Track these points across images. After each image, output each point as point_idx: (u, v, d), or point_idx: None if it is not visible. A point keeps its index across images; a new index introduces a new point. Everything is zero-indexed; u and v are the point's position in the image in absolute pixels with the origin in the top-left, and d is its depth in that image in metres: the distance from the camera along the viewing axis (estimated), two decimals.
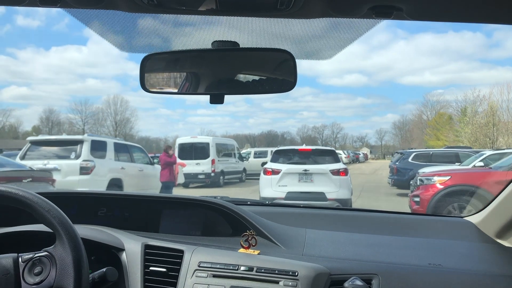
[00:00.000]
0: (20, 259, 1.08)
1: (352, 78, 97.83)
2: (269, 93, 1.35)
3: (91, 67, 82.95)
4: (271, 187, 9.14)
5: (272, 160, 9.68)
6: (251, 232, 1.45)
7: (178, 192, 15.92)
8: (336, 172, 9.10)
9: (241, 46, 1.26)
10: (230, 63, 1.32)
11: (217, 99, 1.31)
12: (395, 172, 15.45)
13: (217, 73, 1.34)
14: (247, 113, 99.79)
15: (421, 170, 13.94)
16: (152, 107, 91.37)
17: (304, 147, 10.72)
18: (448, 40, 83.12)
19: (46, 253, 1.06)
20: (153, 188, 11.03)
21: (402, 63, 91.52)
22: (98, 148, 10.14)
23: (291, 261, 1.35)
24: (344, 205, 8.58)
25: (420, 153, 15.91)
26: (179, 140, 19.75)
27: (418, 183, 8.77)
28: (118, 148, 10.91)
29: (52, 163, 9.56)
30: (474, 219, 1.81)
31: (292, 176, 9.12)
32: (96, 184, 9.63)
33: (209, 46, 1.26)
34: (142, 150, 12.37)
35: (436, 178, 8.15)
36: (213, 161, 18.62)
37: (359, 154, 53.06)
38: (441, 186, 7.95)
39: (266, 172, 9.46)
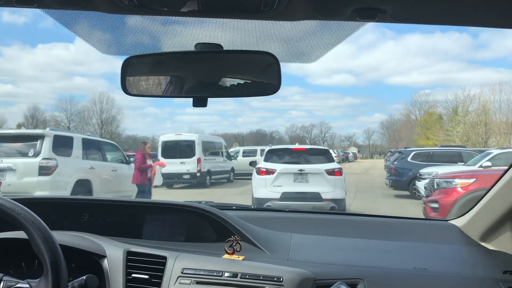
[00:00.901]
0: (2, 284, 1.06)
1: (340, 78, 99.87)
2: (253, 96, 1.33)
3: (78, 65, 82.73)
4: (266, 188, 8.86)
5: (265, 160, 9.35)
6: (235, 237, 1.43)
7: (161, 193, 15.09)
8: (331, 172, 8.95)
9: (224, 48, 1.25)
10: (214, 65, 1.31)
11: (200, 102, 1.29)
12: (393, 172, 14.29)
13: (200, 76, 1.33)
14: (236, 112, 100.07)
15: (422, 171, 12.75)
16: (139, 105, 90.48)
17: (297, 146, 10.51)
18: (435, 40, 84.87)
19: (27, 285, 1.04)
20: (129, 191, 9.94)
21: (390, 63, 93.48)
22: (62, 144, 8.69)
23: (276, 266, 1.35)
24: (338, 205, 8.55)
25: (420, 152, 14.90)
26: (162, 137, 18.37)
27: (435, 187, 7.47)
28: (87, 145, 9.46)
29: (6, 162, 7.94)
30: (459, 222, 1.83)
31: (287, 176, 8.89)
32: (58, 186, 8.23)
33: (192, 48, 1.25)
34: (116, 147, 10.92)
35: (457, 181, 6.96)
36: (199, 160, 17.78)
37: (349, 153, 53.11)
38: (464, 190, 6.63)
39: (259, 172, 9.14)
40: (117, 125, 53.31)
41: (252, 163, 11.42)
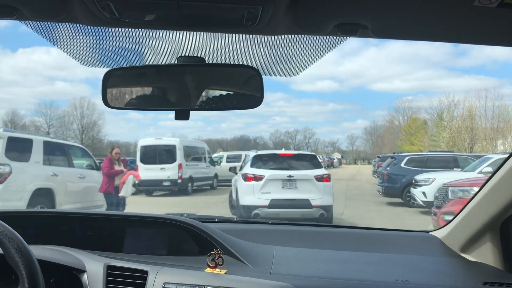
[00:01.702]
0: None
1: (324, 84, 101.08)
2: (235, 110, 1.32)
3: (60, 69, 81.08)
4: (254, 195, 8.54)
5: (252, 166, 9.00)
6: (218, 251, 1.43)
7: (139, 201, 14.41)
8: (320, 178, 8.78)
9: (207, 61, 1.26)
10: (196, 79, 1.30)
11: (182, 115, 1.28)
12: (386, 179, 13.39)
13: (183, 89, 1.31)
14: (220, 118, 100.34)
15: (418, 177, 11.85)
16: (122, 111, 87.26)
17: (284, 151, 10.14)
18: (417, 48, 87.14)
19: None
20: (99, 201, 8.85)
21: (373, 70, 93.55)
22: (18, 148, 7.55)
23: (258, 280, 1.35)
24: (327, 212, 8.47)
25: (414, 157, 14.16)
26: (141, 141, 17.20)
27: (449, 196, 6.51)
28: (50, 149, 8.29)
29: None
30: (440, 233, 1.85)
31: (276, 182, 8.64)
32: (12, 196, 6.93)
33: (175, 61, 1.24)
34: (85, 152, 9.68)
35: (476, 189, 5.78)
36: (180, 166, 16.86)
37: (334, 159, 52.64)
38: None
39: (247, 178, 8.78)
40: (99, 130, 52.89)
41: (232, 169, 11.14)
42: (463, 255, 1.71)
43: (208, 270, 1.39)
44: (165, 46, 1.24)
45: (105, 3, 0.91)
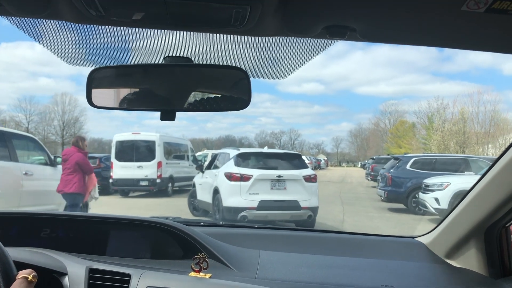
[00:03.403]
0: None
1: (310, 87, 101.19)
2: (222, 111, 1.32)
3: (44, 65, 78.85)
4: (241, 195, 8.03)
5: (237, 164, 8.44)
6: (202, 254, 1.41)
7: (113, 202, 13.34)
8: (308, 179, 8.46)
9: (194, 62, 1.24)
10: (183, 79, 1.28)
11: (168, 116, 1.26)
12: (389, 182, 11.85)
13: (169, 89, 1.30)
14: (205, 118, 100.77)
15: (428, 181, 10.22)
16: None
17: (267, 150, 9.62)
18: (403, 52, 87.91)
19: None
20: (52, 203, 7.24)
21: (359, 73, 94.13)
22: None
23: (243, 284, 1.35)
24: (314, 213, 8.26)
25: (421, 159, 13.04)
26: (116, 136, 15.54)
27: None
28: None
29: None
30: (425, 239, 1.86)
31: (264, 182, 8.20)
32: None
33: (161, 61, 1.23)
34: (37, 144, 7.75)
35: None
36: (159, 164, 15.26)
37: (321, 160, 51.43)
38: None
39: (231, 177, 8.21)
40: (80, 127, 51.40)
41: (199, 168, 10.60)
42: (448, 261, 1.73)
43: (193, 274, 1.39)
44: (152, 45, 1.21)
45: (90, 0, 0.90)
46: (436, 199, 10.00)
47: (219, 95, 1.29)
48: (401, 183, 12.12)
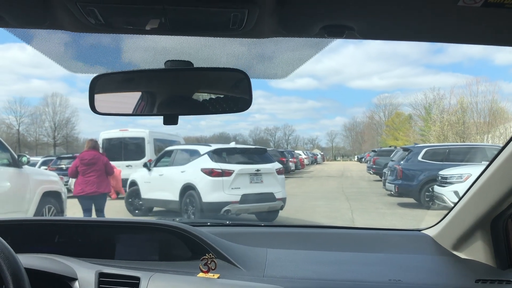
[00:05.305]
0: None
1: (303, 82, 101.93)
2: (224, 113, 1.31)
3: (36, 67, 78.31)
4: (223, 191, 8.18)
5: (214, 160, 8.59)
6: (210, 255, 1.42)
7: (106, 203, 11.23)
8: (279, 171, 9.15)
9: (195, 65, 1.25)
10: (184, 83, 1.29)
11: (170, 120, 1.26)
12: (400, 175, 10.76)
13: (171, 93, 1.30)
14: (199, 116, 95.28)
15: (445, 172, 9.14)
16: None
17: (239, 145, 10.16)
18: (395, 46, 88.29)
19: None
20: (14, 211, 6.04)
21: (352, 67, 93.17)
22: None
23: (252, 283, 1.36)
24: (284, 204, 8.75)
25: (433, 150, 12.03)
26: (103, 134, 14.36)
27: None
28: None
29: None
30: (431, 232, 1.85)
31: (244, 177, 8.52)
32: None
33: (162, 66, 1.23)
34: None
35: None
36: None
37: (317, 155, 51.49)
38: None
39: (212, 173, 8.27)
40: (72, 127, 51.01)
41: (146, 165, 10.50)
42: (455, 253, 1.72)
43: (201, 275, 1.40)
44: (152, 50, 1.22)
45: (89, 9, 0.91)
46: (456, 192, 8.84)
47: (221, 97, 1.28)
48: (413, 176, 11.14)
